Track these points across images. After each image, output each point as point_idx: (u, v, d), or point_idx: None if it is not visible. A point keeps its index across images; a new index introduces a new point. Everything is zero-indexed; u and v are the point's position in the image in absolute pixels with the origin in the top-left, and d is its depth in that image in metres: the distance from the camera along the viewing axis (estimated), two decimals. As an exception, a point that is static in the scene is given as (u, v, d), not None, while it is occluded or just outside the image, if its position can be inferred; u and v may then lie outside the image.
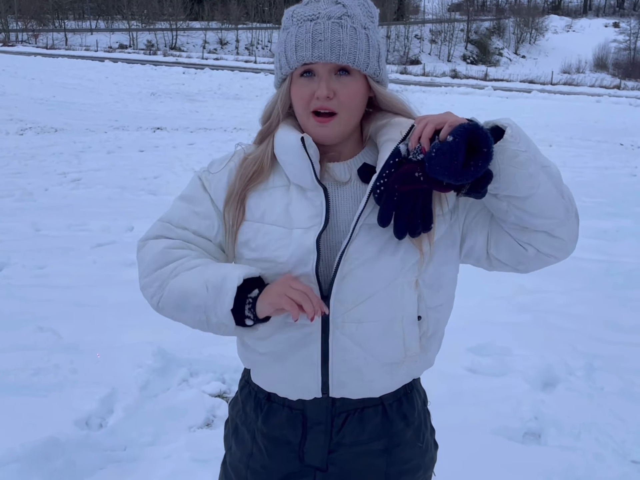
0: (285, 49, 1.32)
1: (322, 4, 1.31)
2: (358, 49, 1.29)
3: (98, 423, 2.99)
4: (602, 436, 2.96)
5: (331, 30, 1.28)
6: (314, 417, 1.42)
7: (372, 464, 1.45)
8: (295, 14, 1.33)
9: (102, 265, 5.21)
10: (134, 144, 12.88)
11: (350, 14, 1.30)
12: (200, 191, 1.43)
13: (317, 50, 1.28)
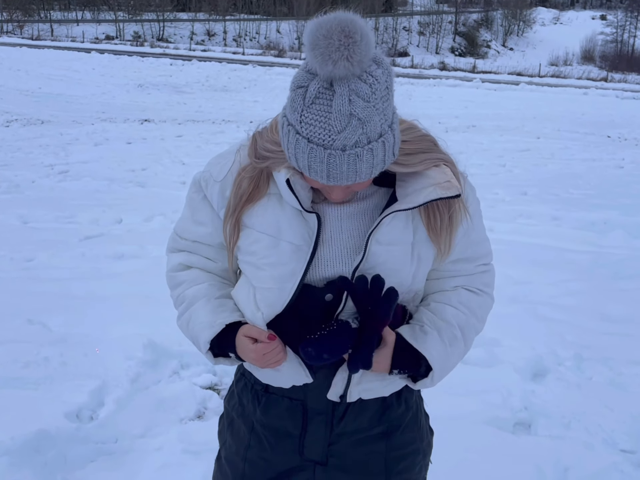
0: (296, 154, 1.20)
1: (335, 120, 1.13)
2: (375, 165, 1.19)
3: (89, 416, 2.98)
4: (591, 426, 2.98)
5: (347, 163, 1.16)
6: (315, 407, 1.42)
7: (372, 451, 1.46)
8: (304, 120, 1.16)
9: (91, 258, 5.18)
10: (122, 135, 12.80)
11: (366, 130, 1.15)
12: (200, 198, 1.46)
13: (332, 179, 1.19)
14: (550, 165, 11.50)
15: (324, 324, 1.33)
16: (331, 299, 1.34)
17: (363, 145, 1.15)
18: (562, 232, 6.70)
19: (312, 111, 1.14)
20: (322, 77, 1.14)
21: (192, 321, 1.44)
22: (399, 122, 1.27)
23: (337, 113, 1.13)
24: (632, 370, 3.51)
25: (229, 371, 3.43)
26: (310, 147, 1.16)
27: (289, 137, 1.20)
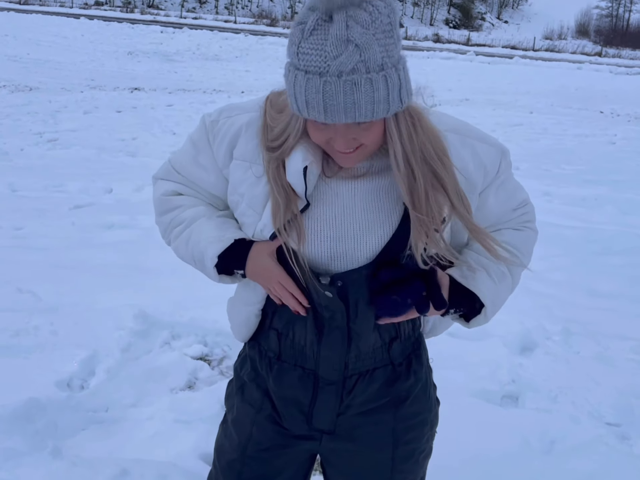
0: (295, 94, 1.17)
1: (331, 45, 1.11)
2: (377, 102, 1.14)
3: (79, 385, 2.99)
4: (578, 399, 3.02)
5: (344, 92, 1.12)
6: (327, 377, 1.42)
7: (379, 421, 1.46)
8: (301, 51, 1.14)
9: (80, 227, 5.15)
10: (111, 104, 12.64)
11: (365, 58, 1.11)
12: (204, 142, 1.44)
13: (330, 115, 1.14)
14: (543, 141, 11.48)
15: (385, 268, 1.32)
16: (330, 297, 1.33)
17: (361, 73, 1.11)
18: (553, 208, 6.72)
19: (310, 41, 1.12)
20: (322, 9, 1.12)
21: (192, 239, 1.42)
22: (407, 72, 1.22)
23: (334, 38, 1.10)
24: (619, 344, 3.55)
25: (220, 342, 3.45)
26: (307, 78, 1.13)
27: (289, 78, 1.17)
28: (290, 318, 1.41)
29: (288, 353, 1.44)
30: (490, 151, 1.39)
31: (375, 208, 1.33)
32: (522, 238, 1.48)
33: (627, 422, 2.90)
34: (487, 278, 1.40)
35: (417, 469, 1.56)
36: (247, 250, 1.37)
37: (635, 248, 5.38)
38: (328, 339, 1.39)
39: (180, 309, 3.64)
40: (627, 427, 2.87)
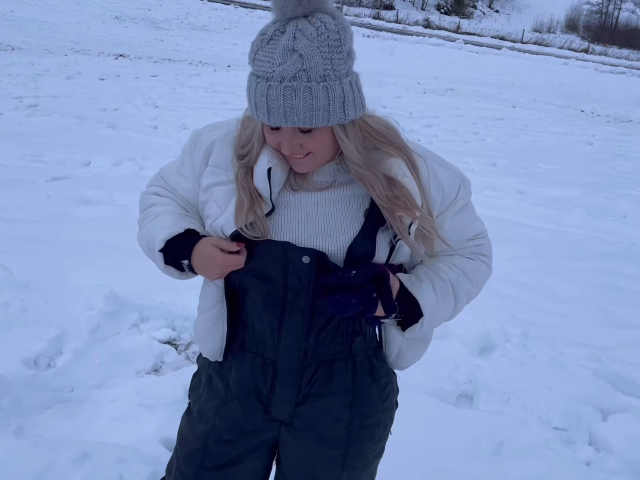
0: (249, 95, 1.30)
1: (279, 53, 1.23)
2: (315, 109, 1.25)
3: (46, 363, 3.04)
4: (529, 403, 3.14)
5: (283, 96, 1.23)
6: (286, 365, 1.48)
7: (336, 419, 1.53)
8: (257, 59, 1.27)
9: (56, 201, 5.15)
10: (95, 70, 12.50)
11: (306, 67, 1.22)
12: (188, 153, 1.55)
13: (272, 117, 1.26)
14: (522, 137, 11.61)
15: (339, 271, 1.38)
16: (308, 262, 1.39)
17: (301, 81, 1.22)
18: (525, 208, 6.84)
19: (264, 50, 1.25)
20: (279, 20, 1.25)
21: (150, 226, 1.50)
22: (359, 87, 1.32)
23: (281, 47, 1.22)
24: (573, 351, 3.68)
25: (188, 327, 3.51)
26: (257, 82, 1.26)
27: (247, 81, 1.30)
28: (251, 307, 1.48)
29: (250, 341, 1.50)
30: (451, 176, 1.47)
31: (338, 216, 1.41)
32: (472, 266, 1.55)
33: (573, 428, 3.02)
34: (432, 291, 1.46)
35: (366, 467, 1.64)
36: (193, 240, 1.45)
37: (600, 254, 5.52)
38: (289, 322, 1.44)
39: (151, 291, 3.69)
40: (573, 433, 3.00)
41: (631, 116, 16.07)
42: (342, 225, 1.40)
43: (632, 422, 3.11)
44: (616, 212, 7.12)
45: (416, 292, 1.45)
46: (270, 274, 1.42)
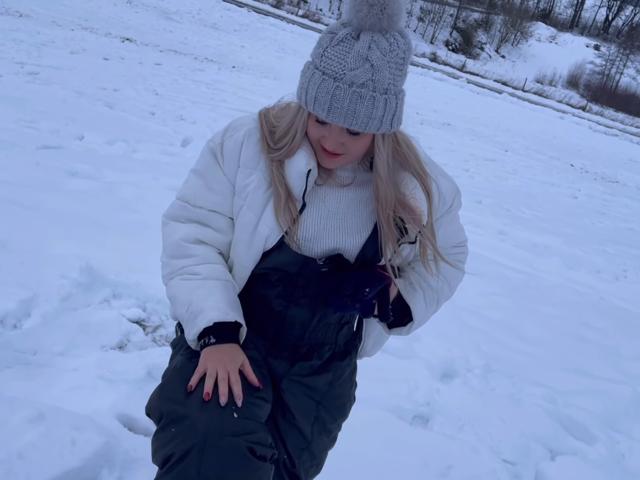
0: (307, 89, 1.36)
1: (352, 58, 1.30)
2: (372, 118, 1.33)
3: (13, 324, 3.02)
4: (482, 432, 3.19)
5: (349, 100, 1.31)
6: (284, 342, 1.60)
7: (311, 393, 1.63)
8: (325, 56, 1.34)
9: (45, 169, 5.12)
10: (100, 49, 12.47)
11: (375, 78, 1.31)
12: (213, 166, 1.54)
13: (331, 115, 1.33)
14: (511, 180, 11.79)
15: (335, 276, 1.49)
16: (326, 269, 1.50)
17: (368, 89, 1.31)
18: (504, 248, 6.95)
19: (335, 50, 1.32)
20: (353, 26, 1.33)
21: (201, 292, 1.46)
22: (403, 104, 1.42)
23: (355, 53, 1.30)
24: (532, 390, 3.74)
25: (158, 310, 3.51)
26: (323, 78, 1.32)
27: (306, 74, 1.37)
28: (268, 290, 1.56)
29: (256, 318, 1.59)
30: (449, 186, 1.60)
31: (354, 216, 1.52)
32: (454, 274, 1.69)
33: (521, 463, 3.07)
34: (422, 300, 1.60)
35: (322, 449, 1.72)
36: (234, 336, 1.46)
37: (570, 302, 5.63)
38: (297, 305, 1.55)
39: (127, 270, 3.69)
40: (520, 467, 3.04)
41: (618, 177, 16.39)
42: (358, 224, 1.51)
43: (579, 465, 3.17)
44: (590, 266, 7.27)
45: (410, 300, 1.58)
46: (289, 272, 1.52)
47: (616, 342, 5.00)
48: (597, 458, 3.27)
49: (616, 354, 4.78)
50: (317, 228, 1.49)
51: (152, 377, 2.87)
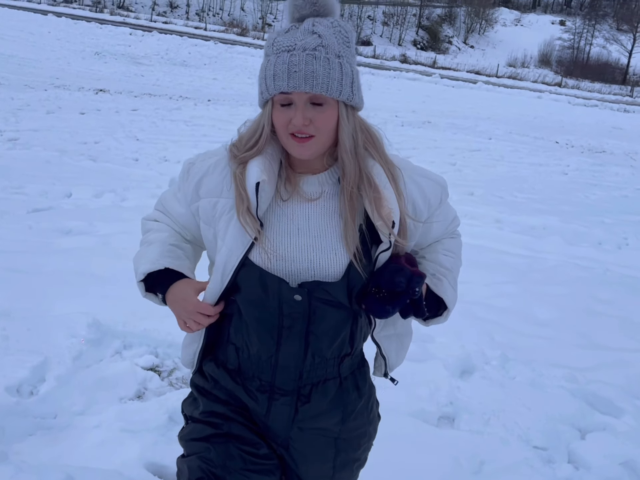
0: (266, 75, 1.42)
1: (300, 34, 1.40)
2: (331, 78, 1.39)
3: (29, 391, 3.03)
4: (509, 423, 3.19)
5: (305, 62, 1.37)
6: (283, 387, 1.53)
7: (326, 433, 1.60)
8: (275, 42, 1.42)
9: (38, 232, 5.16)
10: (75, 105, 12.57)
11: (325, 44, 1.39)
12: (182, 180, 1.62)
13: (292, 81, 1.37)
14: (499, 167, 11.82)
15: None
16: (299, 299, 1.45)
17: (321, 52, 1.38)
18: (502, 235, 6.96)
19: (283, 36, 1.42)
20: (295, 20, 1.44)
21: (139, 254, 1.62)
22: (360, 82, 1.48)
23: (302, 30, 1.41)
24: (551, 372, 3.75)
25: (171, 354, 3.53)
26: (277, 56, 1.40)
27: (261, 67, 1.44)
28: (246, 333, 1.52)
29: (246, 365, 1.55)
30: (434, 186, 1.59)
31: (328, 231, 1.48)
32: (456, 244, 1.73)
33: (552, 447, 3.07)
34: (449, 286, 1.61)
35: (350, 478, 1.71)
36: (173, 281, 1.55)
37: (576, 279, 5.63)
38: (286, 347, 1.49)
39: (134, 319, 3.71)
40: (552, 452, 3.05)
41: (604, 147, 16.44)
42: (332, 240, 1.47)
43: (609, 440, 3.17)
44: (591, 239, 7.28)
45: (440, 291, 1.59)
46: (264, 302, 1.47)
47: (627, 310, 5.00)
48: (627, 429, 3.26)
49: (629, 322, 4.78)
50: (287, 248, 1.46)
51: (174, 422, 2.88)
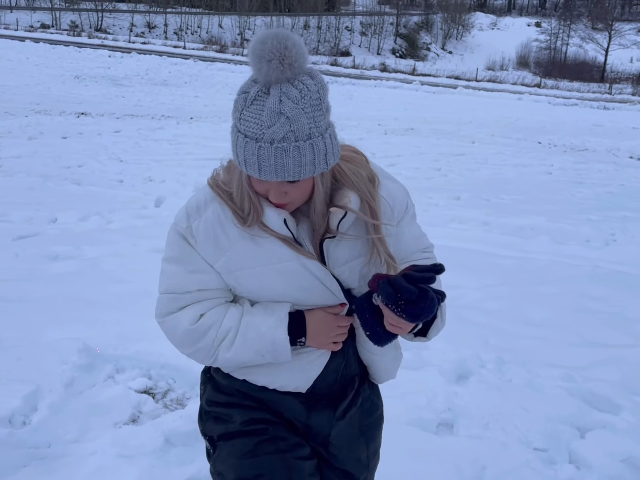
0: (237, 150, 1.36)
1: (266, 117, 1.30)
2: (302, 165, 1.33)
3: (21, 421, 2.98)
4: (508, 426, 3.18)
5: (275, 156, 1.31)
6: (321, 392, 1.62)
7: (350, 422, 1.68)
8: (242, 117, 1.34)
9: (24, 259, 5.11)
10: (57, 129, 12.53)
11: (294, 128, 1.31)
12: (187, 249, 1.52)
13: (263, 173, 1.34)
14: (484, 170, 11.88)
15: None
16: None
17: (290, 142, 1.31)
18: (491, 238, 6.98)
19: (250, 110, 1.33)
20: (261, 82, 1.33)
21: (250, 336, 1.49)
22: (335, 137, 1.42)
23: (268, 110, 1.30)
24: (547, 372, 3.74)
25: (164, 375, 3.49)
26: (246, 142, 1.33)
27: (232, 136, 1.38)
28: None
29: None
30: (400, 189, 1.65)
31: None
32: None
33: (553, 448, 3.06)
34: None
35: (377, 464, 1.83)
36: (299, 318, 1.52)
37: (566, 277, 5.64)
38: (334, 354, 1.59)
39: (125, 342, 3.67)
40: (553, 453, 3.03)
41: (586, 145, 16.56)
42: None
43: (609, 438, 3.15)
44: (579, 237, 7.31)
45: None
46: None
47: (619, 306, 5.01)
48: (626, 426, 3.25)
49: (622, 318, 4.79)
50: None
51: (170, 444, 2.85)
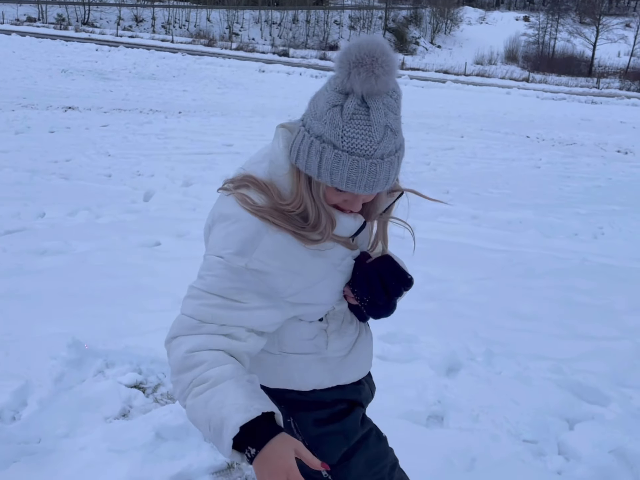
0: (332, 169, 1.30)
1: (376, 132, 1.26)
2: (391, 177, 1.35)
3: (11, 416, 2.97)
4: (497, 418, 3.20)
5: (384, 171, 1.31)
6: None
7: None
8: (345, 135, 1.27)
9: (12, 254, 5.07)
10: (44, 124, 12.42)
11: (396, 141, 1.31)
12: (251, 284, 1.42)
13: (369, 188, 1.32)
14: (473, 164, 11.91)
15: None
16: None
17: (393, 155, 1.32)
18: (480, 231, 7.01)
19: (353, 125, 1.26)
20: (357, 94, 1.27)
21: (214, 400, 1.28)
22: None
23: (377, 125, 1.27)
24: (536, 364, 3.76)
25: (154, 370, 3.48)
26: (352, 159, 1.27)
27: (323, 155, 1.29)
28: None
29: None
30: None
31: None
32: None
33: (542, 439, 3.08)
34: None
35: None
36: (270, 430, 1.25)
37: (554, 270, 5.68)
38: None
39: (114, 336, 3.66)
40: (542, 444, 3.05)
41: (574, 139, 16.65)
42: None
43: (597, 429, 3.18)
44: (567, 231, 7.35)
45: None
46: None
47: (608, 299, 5.05)
48: (614, 417, 3.28)
49: (610, 310, 4.83)
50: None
51: (161, 438, 2.85)
